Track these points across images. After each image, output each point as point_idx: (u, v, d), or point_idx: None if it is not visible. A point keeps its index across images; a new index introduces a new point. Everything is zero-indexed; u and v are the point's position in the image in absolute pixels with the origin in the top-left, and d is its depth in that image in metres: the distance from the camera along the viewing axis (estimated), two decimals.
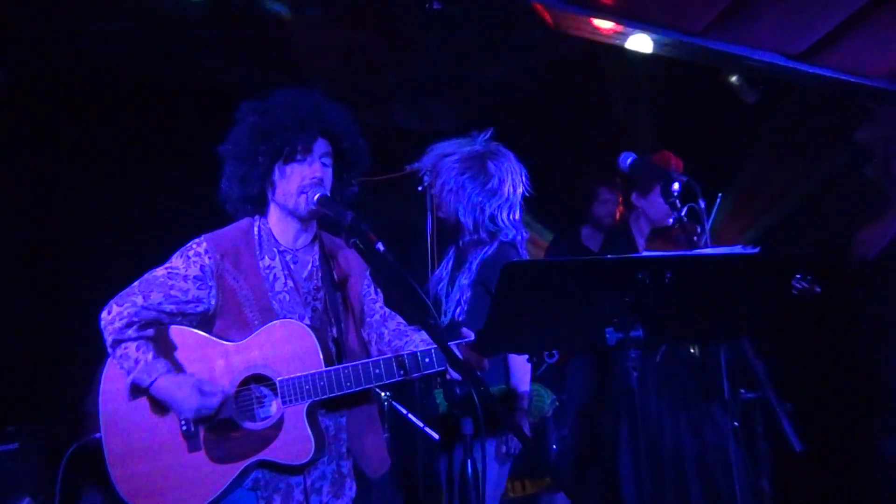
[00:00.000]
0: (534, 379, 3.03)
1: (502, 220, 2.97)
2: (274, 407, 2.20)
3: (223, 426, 2.19)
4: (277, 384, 2.18)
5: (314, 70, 5.15)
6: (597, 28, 3.88)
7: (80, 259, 4.59)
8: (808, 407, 3.25)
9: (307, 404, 2.17)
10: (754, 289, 2.13)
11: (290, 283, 2.28)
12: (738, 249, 2.06)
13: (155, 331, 2.21)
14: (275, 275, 2.28)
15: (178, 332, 2.24)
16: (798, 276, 3.43)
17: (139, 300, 2.18)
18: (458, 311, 2.89)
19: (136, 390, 2.18)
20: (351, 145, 2.36)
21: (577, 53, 5.19)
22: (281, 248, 2.31)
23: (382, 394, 4.31)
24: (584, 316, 2.06)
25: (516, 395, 2.98)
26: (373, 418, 2.40)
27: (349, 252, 2.35)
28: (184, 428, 2.18)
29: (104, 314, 2.20)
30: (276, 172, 2.27)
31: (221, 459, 2.17)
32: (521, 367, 3.04)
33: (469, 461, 2.00)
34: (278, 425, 2.17)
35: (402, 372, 2.16)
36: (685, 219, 3.52)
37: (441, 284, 3.04)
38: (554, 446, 5.20)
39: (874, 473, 3.99)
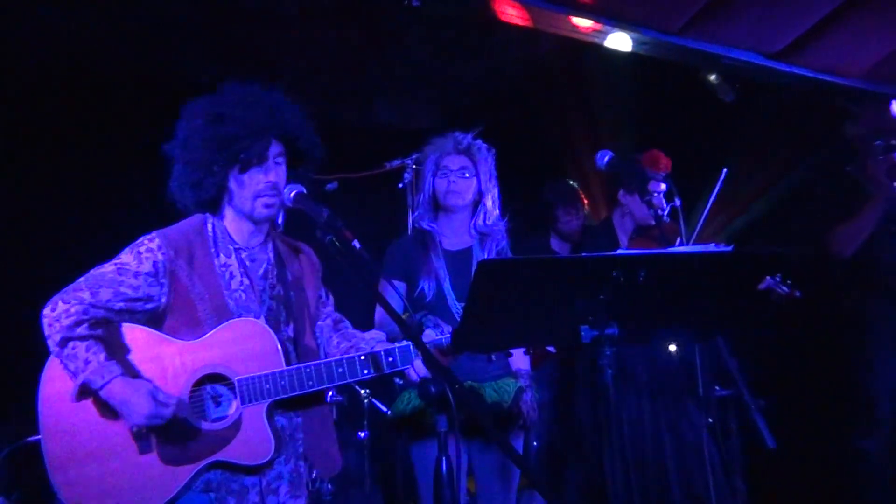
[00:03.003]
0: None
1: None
2: (232, 407, 2.15)
3: (177, 427, 2.11)
4: (236, 383, 2.13)
5: (294, 66, 5.14)
6: (575, 26, 3.89)
7: (30, 255, 4.48)
8: (781, 404, 3.28)
9: (267, 404, 2.14)
10: (728, 287, 2.16)
11: (246, 282, 2.25)
12: (711, 248, 2.08)
13: (105, 330, 2.12)
14: (231, 272, 2.24)
15: (129, 329, 2.15)
16: (778, 279, 3.48)
17: (87, 297, 2.09)
18: None
19: (84, 392, 2.08)
20: (306, 145, 2.33)
21: (558, 51, 5.20)
22: (236, 246, 2.28)
23: (362, 391, 4.31)
24: (559, 313, 2.08)
25: (518, 374, 3.01)
26: (327, 419, 2.37)
27: (300, 253, 2.40)
28: (134, 429, 2.09)
29: (47, 311, 2.09)
30: (232, 180, 2.23)
31: (175, 461, 2.09)
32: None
33: (444, 459, 2.00)
34: (236, 425, 2.12)
35: (365, 371, 2.17)
36: (667, 218, 3.55)
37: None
38: (535, 443, 5.22)
39: (849, 470, 4.03)
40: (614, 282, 1.97)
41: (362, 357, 2.17)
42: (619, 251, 3.21)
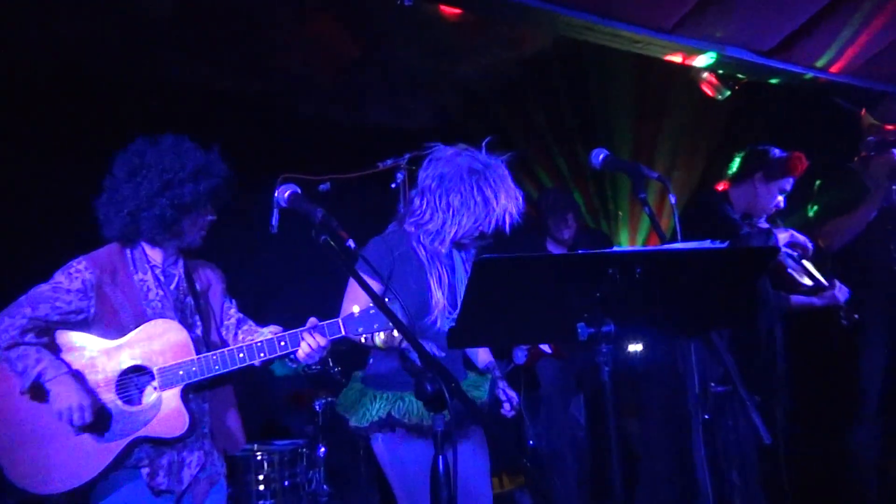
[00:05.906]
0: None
1: None
2: (152, 392, 2.53)
3: (106, 411, 2.50)
4: (156, 372, 2.52)
5: (287, 66, 5.13)
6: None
7: None
8: (776, 400, 3.30)
9: (182, 386, 2.53)
10: (723, 283, 2.16)
11: (161, 293, 2.64)
12: (706, 244, 2.08)
13: (47, 337, 2.52)
14: (148, 287, 2.63)
15: (63, 333, 2.56)
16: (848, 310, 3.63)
17: (28, 311, 2.48)
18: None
19: (35, 384, 2.43)
20: (228, 199, 2.69)
21: (550, 50, 5.21)
22: (152, 265, 2.67)
23: None
24: (555, 311, 2.08)
25: (488, 368, 2.99)
26: (231, 402, 2.75)
27: (206, 268, 2.82)
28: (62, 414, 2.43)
29: None
30: (198, 219, 2.63)
31: (105, 439, 2.48)
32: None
33: (441, 458, 2.00)
34: (156, 406, 2.53)
35: (261, 354, 2.53)
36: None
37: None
38: (531, 442, 5.23)
39: (840, 463, 4.05)
40: (610, 279, 1.97)
41: (258, 343, 2.54)
42: (614, 248, 3.22)
